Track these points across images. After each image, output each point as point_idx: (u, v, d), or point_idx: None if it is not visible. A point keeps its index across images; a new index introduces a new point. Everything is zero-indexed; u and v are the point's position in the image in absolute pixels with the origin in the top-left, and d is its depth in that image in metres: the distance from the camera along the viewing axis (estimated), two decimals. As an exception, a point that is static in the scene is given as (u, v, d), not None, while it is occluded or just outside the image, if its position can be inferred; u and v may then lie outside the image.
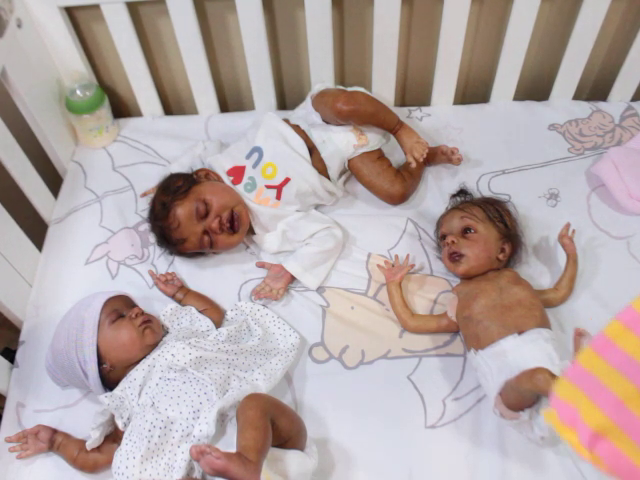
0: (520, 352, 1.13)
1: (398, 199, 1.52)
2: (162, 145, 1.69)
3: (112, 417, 1.14)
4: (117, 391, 1.14)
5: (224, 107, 1.80)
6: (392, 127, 1.46)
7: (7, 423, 1.23)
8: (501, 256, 1.31)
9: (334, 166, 1.50)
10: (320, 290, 1.39)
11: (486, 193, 1.52)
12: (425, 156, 1.45)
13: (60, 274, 1.45)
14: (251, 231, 1.46)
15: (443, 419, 1.20)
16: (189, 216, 1.36)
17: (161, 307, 1.33)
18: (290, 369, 1.26)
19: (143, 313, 1.23)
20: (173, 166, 1.56)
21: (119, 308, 1.22)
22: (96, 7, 1.52)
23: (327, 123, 1.48)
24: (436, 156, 1.57)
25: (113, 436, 1.15)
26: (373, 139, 1.49)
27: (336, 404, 1.22)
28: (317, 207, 1.53)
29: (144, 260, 1.47)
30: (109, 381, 1.19)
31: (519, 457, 1.14)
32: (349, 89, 1.54)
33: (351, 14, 1.61)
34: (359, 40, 1.67)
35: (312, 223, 1.44)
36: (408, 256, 1.42)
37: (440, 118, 1.71)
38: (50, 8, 1.49)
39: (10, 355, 1.34)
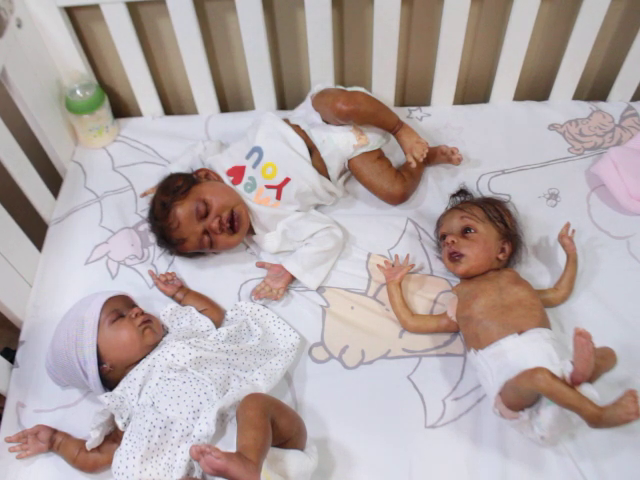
0: (520, 352, 1.12)
1: (398, 199, 1.52)
2: (162, 145, 1.69)
3: (112, 417, 1.14)
4: (117, 391, 1.14)
5: (224, 107, 1.80)
6: (392, 127, 1.46)
7: (7, 423, 1.23)
8: (501, 256, 1.31)
9: (334, 166, 1.50)
10: (320, 290, 1.39)
11: (486, 193, 1.52)
12: (425, 156, 1.45)
13: (60, 274, 1.45)
14: (251, 231, 1.46)
15: (443, 419, 1.19)
16: (189, 216, 1.35)
17: (161, 307, 1.33)
18: (290, 369, 1.26)
19: (143, 313, 1.23)
20: (173, 166, 1.55)
21: (119, 308, 1.22)
22: (96, 7, 1.52)
23: (327, 123, 1.48)
24: (436, 156, 1.57)
25: (113, 436, 1.15)
26: (373, 139, 1.49)
27: (336, 404, 1.22)
28: (317, 207, 1.53)
29: (144, 260, 1.47)
30: (109, 381, 1.19)
31: (519, 457, 1.14)
32: (349, 89, 1.54)
33: (351, 14, 1.61)
34: (359, 40, 1.67)
35: (312, 223, 1.44)
36: (408, 256, 1.42)
37: (440, 118, 1.71)
38: (50, 8, 1.49)
39: (10, 355, 1.34)
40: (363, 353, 1.29)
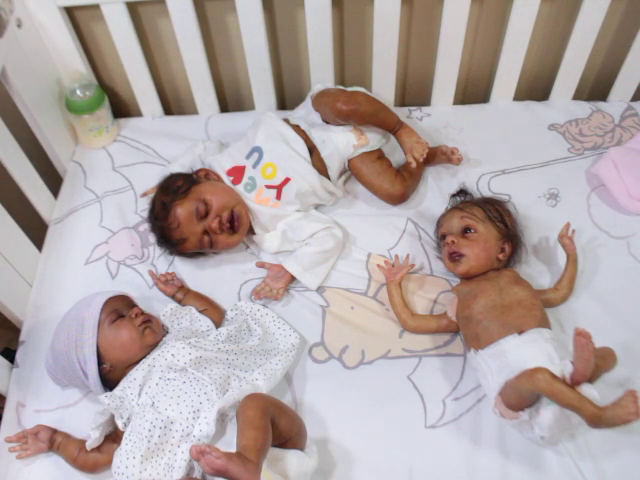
0: (520, 352, 1.12)
1: (398, 199, 1.52)
2: (162, 145, 1.69)
3: (112, 417, 1.14)
4: (117, 391, 1.14)
5: (224, 107, 1.80)
6: (392, 127, 1.46)
7: (7, 423, 1.23)
8: (501, 256, 1.31)
9: (334, 166, 1.50)
10: (320, 290, 1.39)
11: (486, 193, 1.52)
12: (425, 156, 1.45)
13: (60, 274, 1.45)
14: (251, 231, 1.46)
15: (443, 419, 1.19)
16: (189, 216, 1.35)
17: (161, 307, 1.33)
18: (290, 369, 1.26)
19: (143, 313, 1.23)
20: (173, 166, 1.55)
21: (119, 308, 1.22)
22: (96, 7, 1.52)
23: (327, 123, 1.48)
24: (436, 156, 1.57)
25: (113, 436, 1.15)
26: (373, 139, 1.49)
27: (336, 404, 1.22)
28: (317, 207, 1.53)
29: (144, 260, 1.47)
30: (109, 381, 1.19)
31: (519, 457, 1.14)
32: (349, 89, 1.54)
33: (351, 14, 1.61)
34: (359, 40, 1.67)
35: (312, 223, 1.44)
36: (408, 256, 1.42)
37: (440, 118, 1.71)
38: (50, 8, 1.49)
39: (10, 355, 1.34)
40: (363, 353, 1.29)
